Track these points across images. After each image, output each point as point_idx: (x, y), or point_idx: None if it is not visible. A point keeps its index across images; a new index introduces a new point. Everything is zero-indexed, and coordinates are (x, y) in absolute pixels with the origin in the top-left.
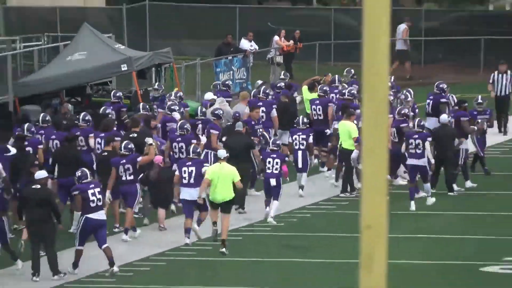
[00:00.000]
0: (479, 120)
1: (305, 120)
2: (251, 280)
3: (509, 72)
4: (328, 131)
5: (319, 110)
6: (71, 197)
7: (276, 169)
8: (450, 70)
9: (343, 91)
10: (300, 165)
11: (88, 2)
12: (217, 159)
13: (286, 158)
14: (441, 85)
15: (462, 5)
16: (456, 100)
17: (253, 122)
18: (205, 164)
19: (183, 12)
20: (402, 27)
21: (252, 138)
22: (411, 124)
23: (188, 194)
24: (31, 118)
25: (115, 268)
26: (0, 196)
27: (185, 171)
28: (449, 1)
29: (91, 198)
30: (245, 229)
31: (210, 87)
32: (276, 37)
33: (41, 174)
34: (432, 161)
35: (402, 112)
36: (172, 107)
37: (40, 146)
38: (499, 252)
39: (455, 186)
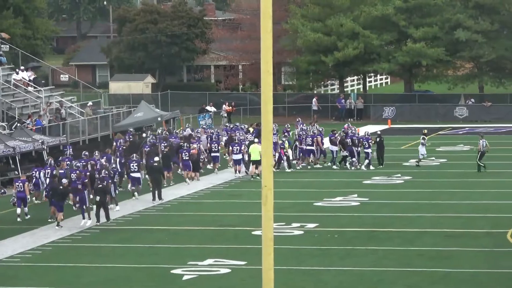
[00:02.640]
0: None
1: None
2: None
3: None
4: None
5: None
6: None
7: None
8: None
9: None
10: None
11: (132, 89)
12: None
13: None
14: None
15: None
16: None
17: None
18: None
19: (184, 95)
20: (314, 100)
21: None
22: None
23: (236, 156)
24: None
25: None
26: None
27: (236, 149)
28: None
29: None
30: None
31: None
32: (224, 105)
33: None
34: None
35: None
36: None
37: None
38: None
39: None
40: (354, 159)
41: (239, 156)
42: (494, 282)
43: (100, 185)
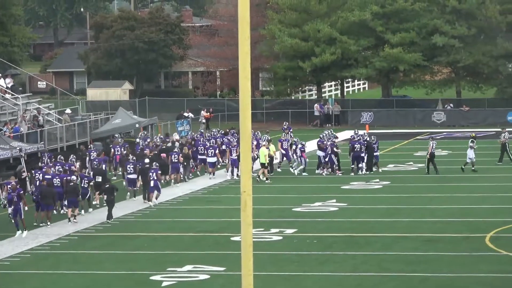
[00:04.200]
0: None
1: None
2: None
3: None
4: None
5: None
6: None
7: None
8: None
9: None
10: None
11: (110, 96)
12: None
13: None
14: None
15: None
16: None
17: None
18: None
19: (162, 102)
20: (315, 106)
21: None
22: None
23: (211, 159)
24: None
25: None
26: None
27: (211, 152)
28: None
29: None
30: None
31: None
32: (202, 111)
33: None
34: None
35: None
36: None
37: None
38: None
39: None
40: (361, 165)
41: (214, 159)
42: (472, 287)
43: (107, 185)
